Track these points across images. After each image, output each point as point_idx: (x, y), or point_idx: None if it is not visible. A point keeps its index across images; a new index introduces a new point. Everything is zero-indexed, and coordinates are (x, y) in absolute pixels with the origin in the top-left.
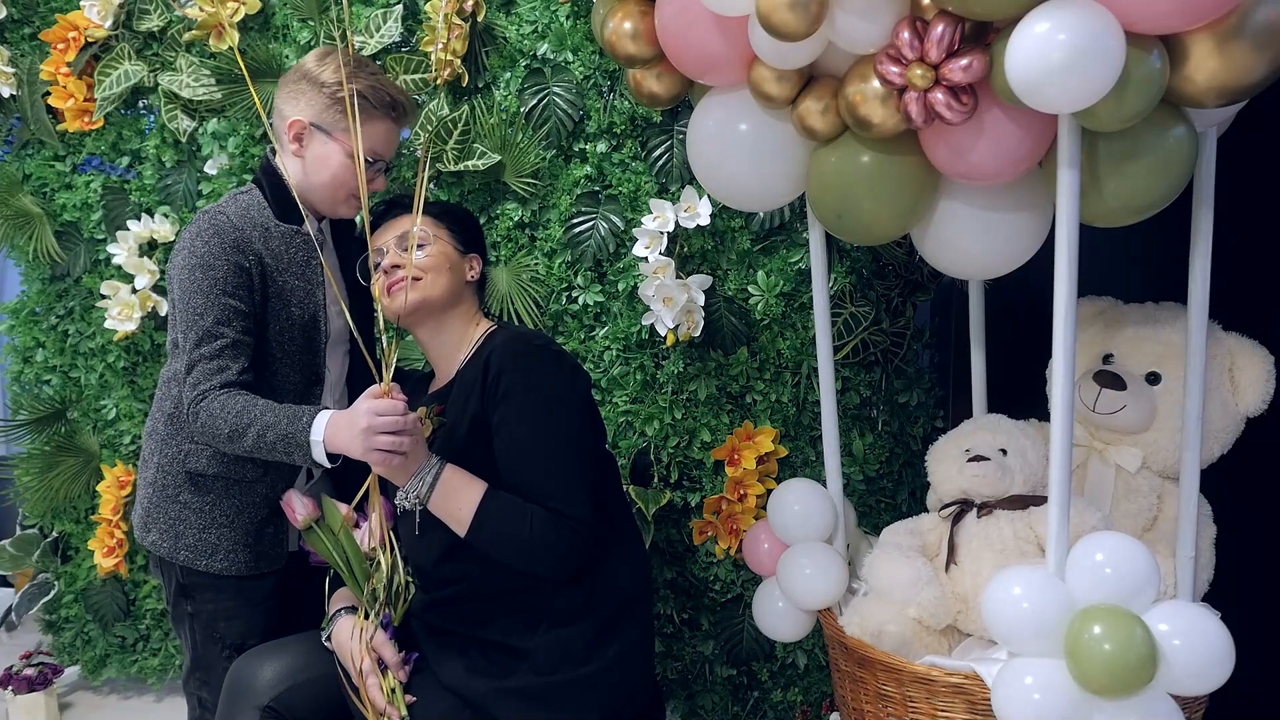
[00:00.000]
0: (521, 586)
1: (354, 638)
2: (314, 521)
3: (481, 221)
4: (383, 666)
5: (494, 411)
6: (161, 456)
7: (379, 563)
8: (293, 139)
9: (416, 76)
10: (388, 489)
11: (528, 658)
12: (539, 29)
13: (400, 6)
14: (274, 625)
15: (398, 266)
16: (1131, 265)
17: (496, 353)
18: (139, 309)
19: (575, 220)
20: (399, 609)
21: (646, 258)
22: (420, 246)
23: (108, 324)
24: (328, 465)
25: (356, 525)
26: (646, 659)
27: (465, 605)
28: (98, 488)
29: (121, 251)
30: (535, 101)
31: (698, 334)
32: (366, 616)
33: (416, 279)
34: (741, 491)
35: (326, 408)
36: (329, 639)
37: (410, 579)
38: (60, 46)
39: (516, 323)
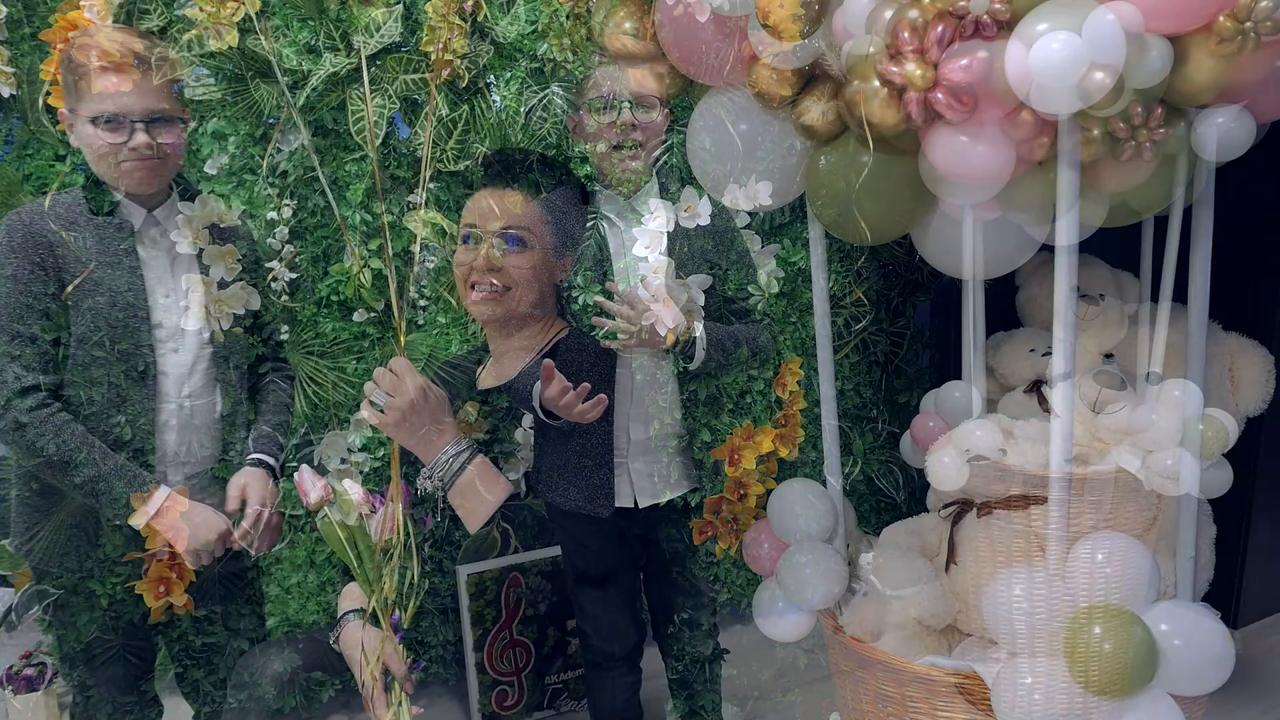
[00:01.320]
0: None
1: (362, 643)
2: (325, 505)
3: None
4: (389, 677)
5: None
6: None
7: (391, 557)
8: (68, 131)
9: (416, 76)
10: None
11: None
12: (539, 29)
13: (400, 6)
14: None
15: (491, 269)
16: (1131, 265)
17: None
18: None
19: None
20: (410, 609)
21: (646, 258)
22: (519, 245)
23: None
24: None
25: (372, 511)
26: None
27: None
28: None
29: None
30: (535, 101)
31: (698, 334)
32: (364, 613)
33: (508, 289)
34: (741, 491)
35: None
36: (336, 641)
37: (420, 579)
38: (60, 46)
39: None
